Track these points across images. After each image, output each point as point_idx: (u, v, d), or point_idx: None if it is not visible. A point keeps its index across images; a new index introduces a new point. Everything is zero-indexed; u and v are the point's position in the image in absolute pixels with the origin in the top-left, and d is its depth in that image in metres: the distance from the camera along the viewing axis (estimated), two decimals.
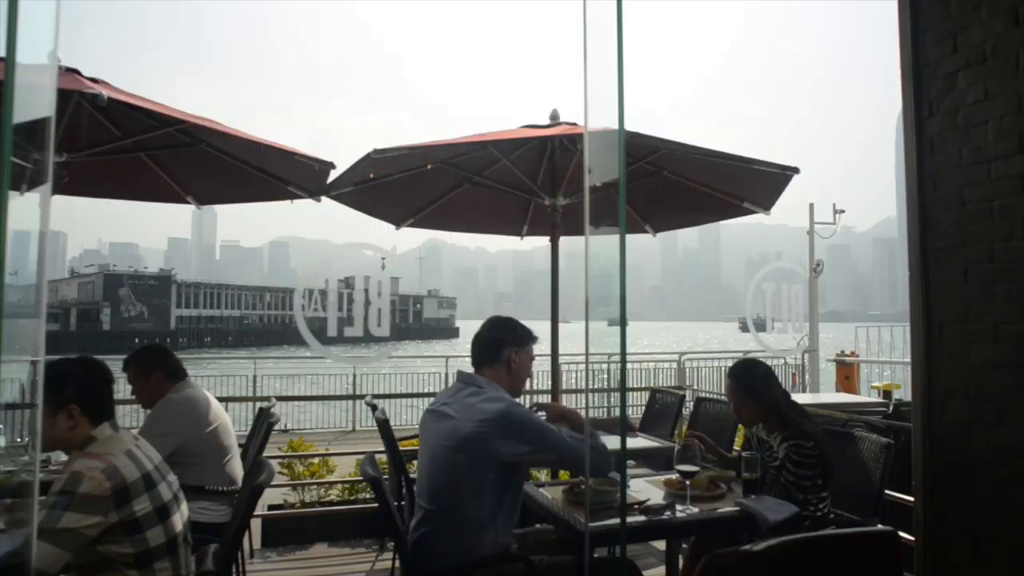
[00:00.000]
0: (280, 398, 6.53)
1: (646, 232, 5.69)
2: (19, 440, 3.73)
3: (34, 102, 1.70)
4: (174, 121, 3.63)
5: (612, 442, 2.43)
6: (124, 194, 5.34)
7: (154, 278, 79.88)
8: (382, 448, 5.25)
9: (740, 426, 4.45)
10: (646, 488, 2.81)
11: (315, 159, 3.64)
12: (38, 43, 1.67)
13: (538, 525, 2.82)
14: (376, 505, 4.70)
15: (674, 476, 2.85)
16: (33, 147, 1.75)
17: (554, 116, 4.48)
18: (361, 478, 4.91)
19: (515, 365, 2.52)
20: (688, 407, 5.61)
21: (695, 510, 2.54)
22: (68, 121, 3.58)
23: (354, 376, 9.58)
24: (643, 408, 8.93)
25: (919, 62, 2.74)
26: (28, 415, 1.78)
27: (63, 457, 3.16)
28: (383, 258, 2.87)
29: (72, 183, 3.99)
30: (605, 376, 10.19)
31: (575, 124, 4.32)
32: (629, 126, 2.58)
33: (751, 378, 2.93)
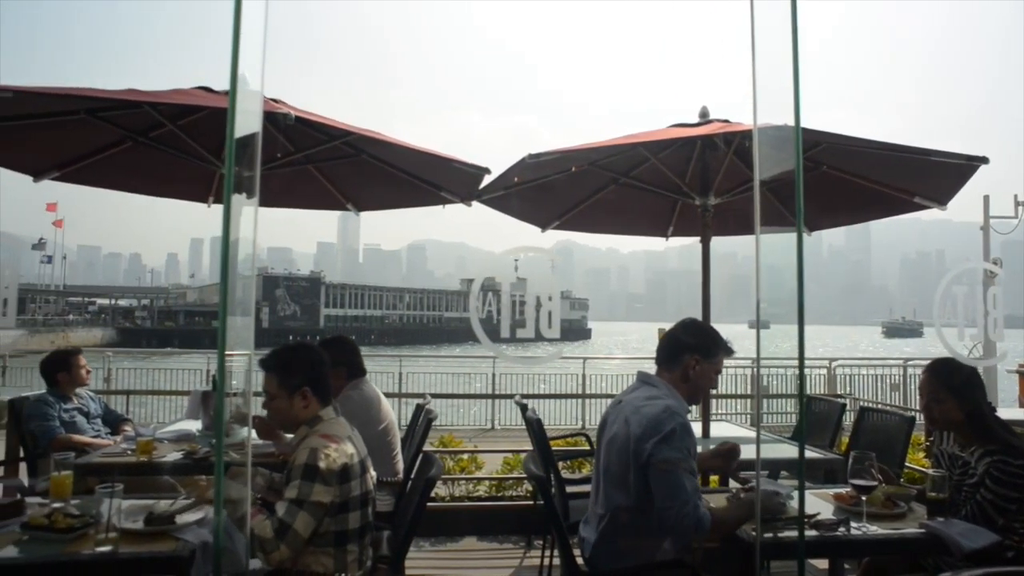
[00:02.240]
0: (433, 395, 6.83)
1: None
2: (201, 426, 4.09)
3: (247, 124, 1.91)
4: (342, 134, 3.90)
5: (777, 450, 2.32)
6: (292, 203, 5.77)
7: (305, 280, 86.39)
8: (524, 447, 5.37)
9: (911, 442, 4.10)
10: (812, 501, 2.65)
11: (471, 165, 3.77)
12: (250, 74, 1.88)
13: None
14: (523, 503, 4.82)
15: (844, 490, 2.67)
16: (244, 164, 1.96)
17: (703, 113, 4.36)
18: (508, 476, 5.04)
19: (694, 374, 2.43)
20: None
21: (873, 528, 2.36)
22: None
23: (494, 375, 9.81)
24: (793, 416, 8.46)
25: None
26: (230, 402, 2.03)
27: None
28: (516, 260, 2.94)
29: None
30: (748, 381, 9.75)
31: (727, 121, 4.18)
32: (779, 119, 2.47)
33: (953, 376, 2.63)
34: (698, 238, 4.61)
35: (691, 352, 2.45)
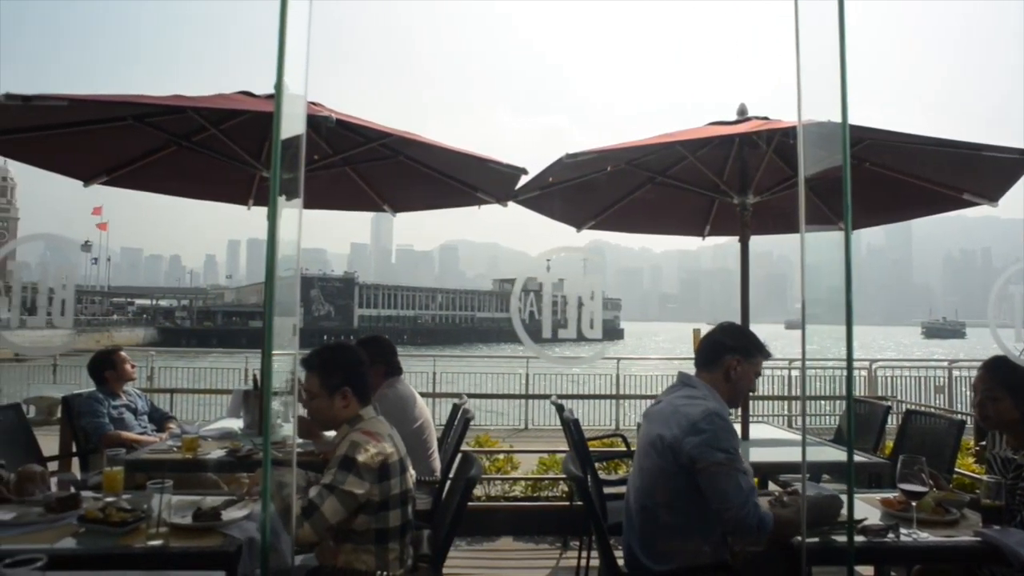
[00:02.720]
0: (470, 395, 6.88)
1: (840, 229, 5.27)
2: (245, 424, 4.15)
3: (291, 128, 1.94)
4: (380, 136, 3.94)
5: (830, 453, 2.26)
6: (329, 204, 5.82)
7: (339, 280, 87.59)
8: (558, 447, 5.36)
9: (961, 447, 3.98)
10: (858, 506, 2.58)
11: (508, 165, 3.77)
12: (293, 78, 1.91)
13: None
14: (559, 503, 4.81)
15: (891, 495, 2.61)
16: (287, 167, 1.99)
17: (742, 111, 4.30)
18: (544, 476, 5.03)
19: (734, 375, 2.43)
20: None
21: (924, 535, 2.30)
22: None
23: (527, 376, 9.81)
24: (836, 419, 8.29)
25: None
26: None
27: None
28: (548, 260, 2.94)
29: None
30: (786, 383, 9.58)
31: (766, 118, 4.12)
32: (823, 115, 2.43)
33: (1012, 374, 2.55)
34: (733, 237, 4.56)
35: (732, 353, 2.45)
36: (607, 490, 3.81)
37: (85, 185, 4.39)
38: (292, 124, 2.00)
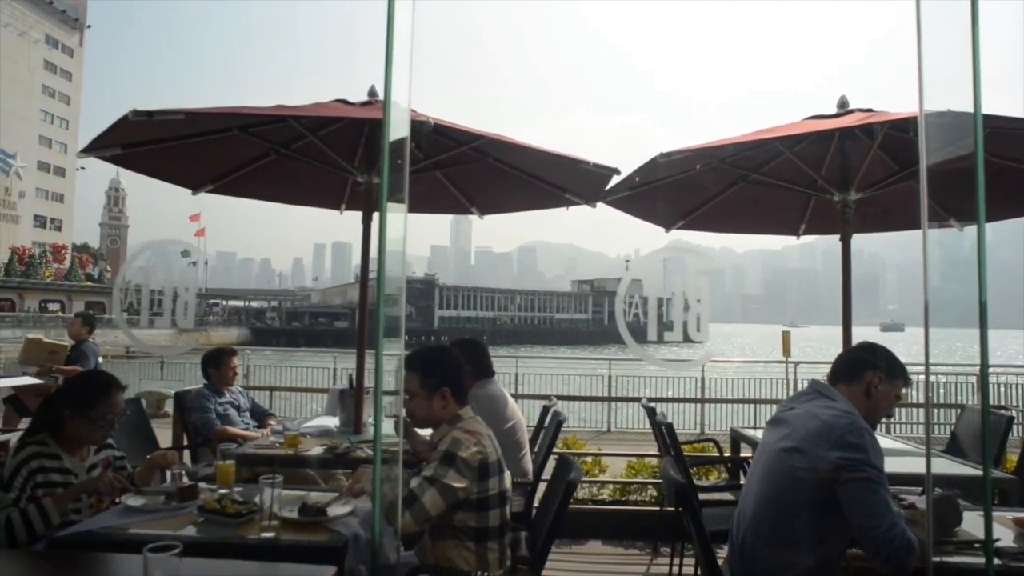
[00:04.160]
0: (560, 397, 6.86)
1: (950, 226, 4.92)
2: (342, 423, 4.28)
3: (397, 132, 1.98)
4: (472, 139, 3.96)
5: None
6: (417, 208, 5.89)
7: (420, 282, 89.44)
8: (644, 451, 5.26)
9: None
10: (982, 523, 2.40)
11: (600, 166, 3.73)
12: (398, 85, 1.95)
13: (853, 550, 2.57)
14: (648, 508, 4.72)
15: None
16: (393, 171, 2.03)
17: (843, 104, 4.09)
18: (633, 480, 4.96)
19: (875, 392, 2.30)
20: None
21: None
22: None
23: (610, 377, 9.70)
24: (947, 428, 7.79)
25: None
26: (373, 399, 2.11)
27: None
28: (627, 260, 2.88)
29: (374, 202, 4.58)
30: None
31: (870, 111, 3.90)
32: (941, 105, 2.29)
33: None
34: (821, 236, 4.34)
35: (874, 370, 2.32)
36: (701, 496, 3.71)
37: (193, 193, 4.64)
38: (397, 129, 2.05)
